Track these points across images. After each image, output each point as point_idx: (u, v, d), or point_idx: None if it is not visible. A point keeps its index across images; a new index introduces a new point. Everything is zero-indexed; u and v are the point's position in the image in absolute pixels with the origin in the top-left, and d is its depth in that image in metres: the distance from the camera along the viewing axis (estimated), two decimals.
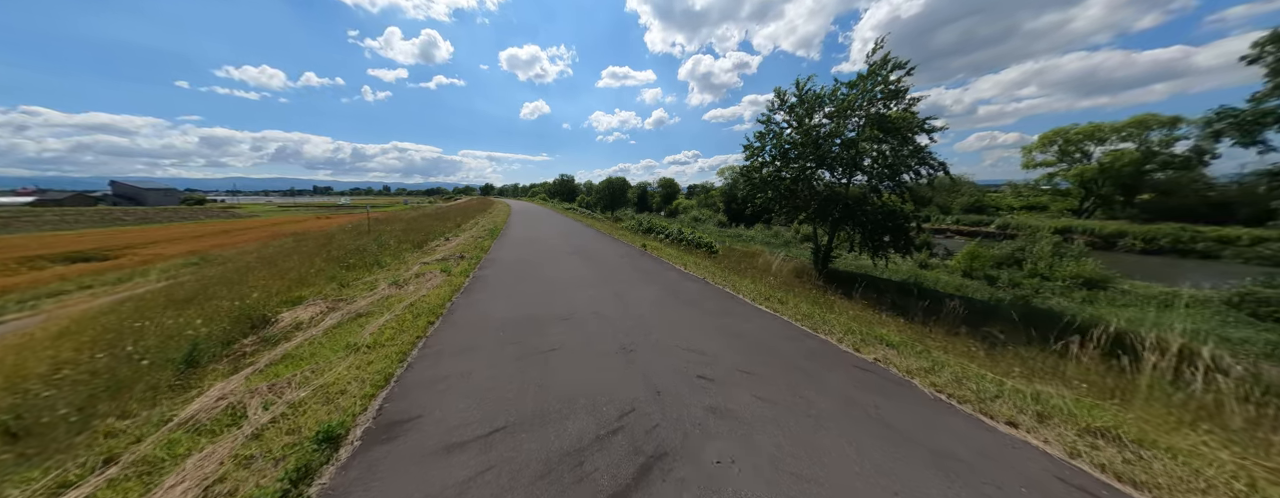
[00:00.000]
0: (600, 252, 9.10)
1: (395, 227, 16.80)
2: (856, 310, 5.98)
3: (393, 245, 11.12)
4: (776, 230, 34.91)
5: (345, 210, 71.82)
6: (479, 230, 14.68)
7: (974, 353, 4.45)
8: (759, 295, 5.45)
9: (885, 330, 4.40)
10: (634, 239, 12.29)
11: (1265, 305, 14.67)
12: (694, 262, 8.00)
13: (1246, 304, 14.97)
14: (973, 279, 20.28)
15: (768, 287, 6.19)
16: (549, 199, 60.17)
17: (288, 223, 41.66)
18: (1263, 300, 14.64)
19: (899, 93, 15.17)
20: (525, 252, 9.20)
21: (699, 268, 7.34)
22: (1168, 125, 29.48)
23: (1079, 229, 28.74)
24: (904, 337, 4.32)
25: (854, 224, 16.40)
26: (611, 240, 11.64)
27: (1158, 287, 18.42)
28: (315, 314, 5.16)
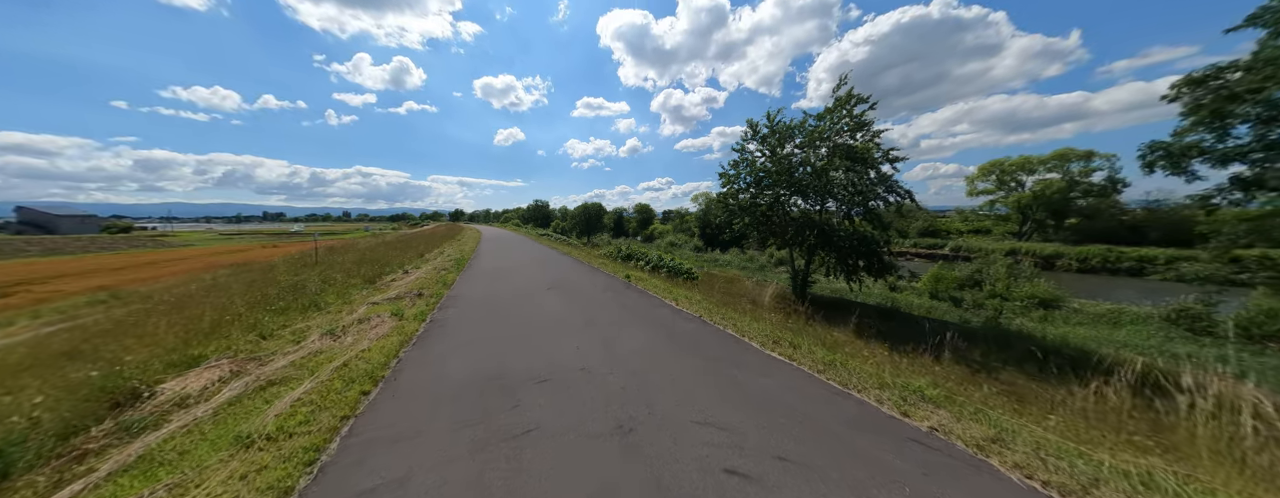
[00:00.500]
0: (580, 284, 8.21)
1: (348, 257, 15.14)
2: (867, 350, 5.42)
3: (340, 280, 9.71)
4: (751, 255, 35.18)
5: (297, 238, 66.59)
6: (444, 261, 13.38)
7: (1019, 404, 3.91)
8: (766, 338, 4.75)
9: (918, 380, 3.78)
10: (615, 268, 11.46)
11: (1198, 321, 15.71)
12: (684, 295, 7.27)
13: (1182, 320, 15.98)
14: (939, 301, 20.80)
15: (771, 325, 5.53)
16: (523, 225, 58.55)
17: (227, 253, 37.70)
18: (1196, 316, 15.69)
19: (863, 125, 15.79)
20: (495, 286, 8.16)
21: (691, 303, 6.61)
22: (1084, 158, 32.93)
23: (1022, 251, 30.77)
24: (939, 388, 3.71)
25: (830, 249, 16.47)
26: (591, 270, 10.76)
27: (1104, 305, 19.55)
28: (211, 382, 3.93)
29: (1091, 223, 34.23)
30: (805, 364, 3.92)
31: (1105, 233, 34.05)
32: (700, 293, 8.03)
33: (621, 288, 7.83)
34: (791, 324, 6.37)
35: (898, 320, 15.15)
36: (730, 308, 6.72)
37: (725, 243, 41.88)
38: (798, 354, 4.23)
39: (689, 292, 7.86)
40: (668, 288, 7.86)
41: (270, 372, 4.12)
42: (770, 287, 21.32)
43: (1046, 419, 3.40)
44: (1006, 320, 17.40)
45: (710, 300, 7.30)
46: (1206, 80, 9.72)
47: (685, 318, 5.66)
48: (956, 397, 3.50)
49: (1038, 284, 19.52)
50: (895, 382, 3.59)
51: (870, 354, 4.96)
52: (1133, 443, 3.02)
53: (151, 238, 62.16)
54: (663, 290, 7.61)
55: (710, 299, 7.50)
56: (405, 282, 9.29)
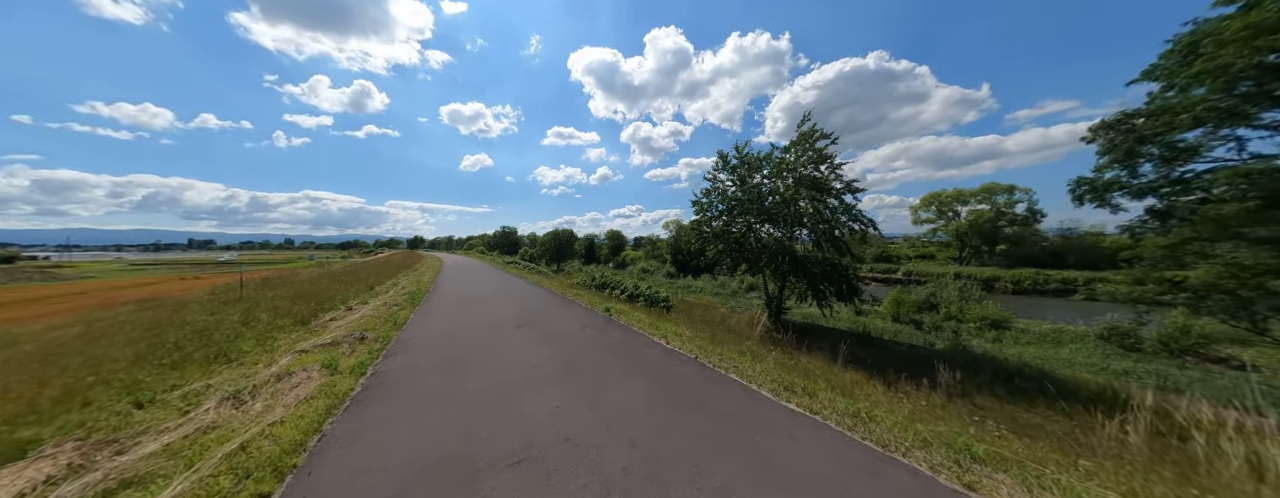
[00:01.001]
0: (554, 320, 7.33)
1: (281, 292, 13.22)
2: (870, 387, 4.97)
3: (265, 321, 8.18)
4: (722, 281, 35.32)
5: (227, 268, 59.51)
6: (397, 294, 11.93)
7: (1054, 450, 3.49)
8: (776, 383, 4.16)
9: (956, 432, 3.30)
10: (591, 298, 10.62)
11: (1127, 338, 17.06)
12: (673, 330, 6.60)
13: (1113, 337, 17.30)
14: (901, 323, 21.45)
15: (775, 366, 4.96)
16: (488, 252, 55.98)
17: (134, 287, 32.63)
18: (1124, 334, 17.04)
19: (825, 158, 16.51)
20: (455, 324, 7.09)
21: (682, 340, 5.94)
22: (1007, 192, 36.83)
23: (965, 274, 33.14)
24: (986, 444, 3.24)
25: (801, 275, 16.58)
26: (564, 302, 9.85)
27: (1044, 324, 20.96)
28: (30, 487, 2.71)
29: (1017, 249, 37.78)
30: (830, 418, 3.35)
31: (1029, 257, 37.63)
32: (687, 326, 7.40)
33: (602, 324, 7.05)
34: (791, 362, 5.85)
35: (876, 347, 15.18)
36: (723, 345, 6.12)
37: (696, 269, 42.01)
38: (816, 405, 3.66)
39: (677, 326, 7.21)
40: (653, 322, 7.17)
41: (129, 463, 2.95)
42: (745, 314, 21.11)
43: (1080, 464, 3.01)
44: (966, 341, 18.07)
45: (700, 335, 6.68)
46: (1118, 124, 10.82)
47: (679, 360, 4.98)
48: (1002, 453, 3.04)
49: (987, 306, 20.70)
50: (934, 437, 3.09)
51: (883, 397, 4.48)
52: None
53: (40, 269, 53.07)
54: (648, 325, 6.91)
55: (699, 334, 6.88)
56: (347, 321, 7.95)
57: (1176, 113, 9.50)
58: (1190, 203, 9.98)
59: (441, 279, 16.79)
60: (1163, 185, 10.59)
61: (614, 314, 7.88)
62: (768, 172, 17.63)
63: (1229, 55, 8.38)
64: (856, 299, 16.60)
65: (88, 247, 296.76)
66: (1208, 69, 8.84)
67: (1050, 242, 36.90)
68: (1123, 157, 11.04)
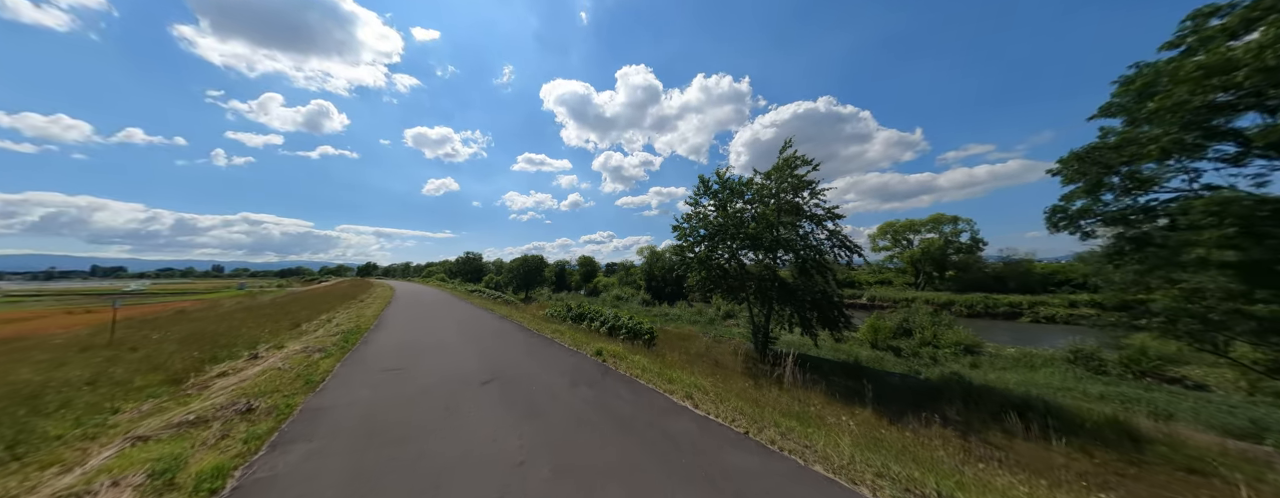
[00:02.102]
0: (536, 372, 5.53)
1: (175, 330, 10.31)
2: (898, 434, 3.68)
3: (120, 379, 5.75)
4: (699, 308, 34.12)
5: (134, 299, 50.53)
6: (327, 334, 9.48)
7: None
8: (882, 476, 2.73)
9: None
10: (574, 336, 8.80)
11: (1092, 360, 17.41)
12: (689, 380, 5.03)
13: (1080, 360, 17.61)
14: (880, 350, 21.02)
15: (860, 443, 3.52)
16: (450, 280, 51.67)
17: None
18: (1089, 356, 17.39)
19: (805, 185, 16.24)
20: (396, 385, 5.12)
21: (708, 397, 4.38)
22: (952, 222, 39.51)
23: (924, 300, 34.27)
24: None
25: (790, 303, 15.68)
26: (544, 343, 7.99)
27: (1009, 348, 21.31)
28: None
29: (964, 275, 40.10)
30: None
31: (975, 282, 39.95)
32: (702, 373, 5.83)
33: (597, 374, 5.37)
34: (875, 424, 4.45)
35: (868, 378, 14.15)
36: (764, 405, 4.63)
37: (671, 296, 40.70)
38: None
39: (691, 372, 5.64)
40: (661, 370, 5.56)
41: None
42: (728, 344, 19.75)
43: None
44: (955, 370, 17.70)
45: (723, 385, 5.17)
46: (1088, 156, 11.05)
47: (727, 438, 3.43)
48: None
49: (959, 332, 20.81)
50: None
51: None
52: None
53: None
54: (655, 374, 5.31)
55: (720, 381, 5.37)
56: (241, 378, 5.69)
57: (1142, 144, 9.68)
58: (1159, 230, 10.09)
59: (390, 313, 14.17)
60: (1131, 213, 10.73)
61: (608, 358, 6.21)
62: (749, 197, 17.11)
63: (1183, 92, 8.62)
64: (846, 329, 15.90)
65: None
66: (1166, 105, 9.07)
67: (992, 268, 39.46)
68: (1091, 186, 11.24)
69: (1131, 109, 10.52)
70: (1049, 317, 31.08)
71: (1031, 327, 30.05)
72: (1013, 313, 32.53)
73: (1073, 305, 30.87)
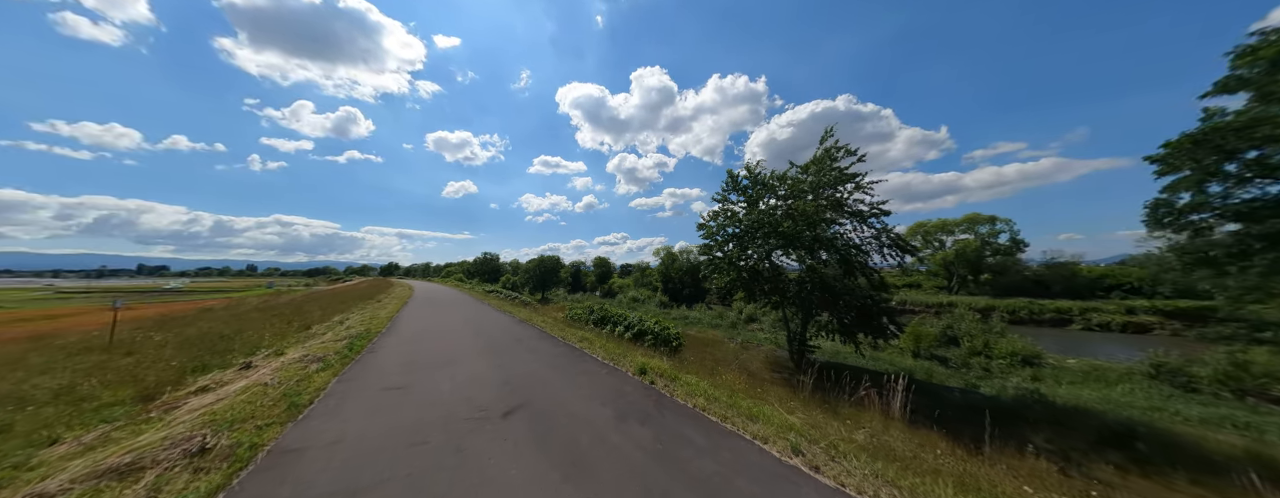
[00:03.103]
0: (567, 399, 4.30)
1: (175, 334, 9.57)
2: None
3: (84, 394, 4.83)
4: (719, 311, 32.57)
5: (171, 296, 52.05)
6: (336, 338, 8.54)
7: None
8: None
9: None
10: (606, 345, 7.59)
11: (1177, 376, 15.20)
12: (779, 417, 3.75)
13: (1162, 375, 15.43)
14: (922, 359, 19.17)
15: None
16: (467, 280, 51.41)
17: (37, 319, 26.63)
18: (1174, 371, 15.20)
19: (848, 178, 14.67)
20: (395, 411, 4.00)
21: (831, 452, 3.10)
22: (989, 222, 36.81)
23: (961, 305, 31.88)
24: None
25: (834, 309, 14.14)
26: (572, 354, 6.79)
27: (1070, 359, 19.12)
28: None
29: (1001, 278, 37.30)
30: None
31: (1012, 286, 37.10)
32: (800, 406, 4.47)
33: (646, 404, 4.13)
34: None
35: (925, 393, 12.46)
36: (930, 471, 3.26)
37: (689, 298, 39.22)
38: None
39: (771, 404, 4.31)
40: (731, 400, 4.25)
41: None
42: (757, 351, 18.24)
43: None
44: (1000, 379, 15.79)
45: (817, 421, 3.85)
46: (1206, 141, 9.27)
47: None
48: None
49: (1015, 340, 18.75)
50: None
51: None
52: None
53: None
54: (728, 406, 4.02)
55: (818, 414, 4.04)
56: (217, 396, 4.68)
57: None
58: None
59: (405, 315, 13.27)
60: (1267, 206, 8.85)
61: (654, 378, 4.96)
62: (783, 192, 15.64)
63: None
64: (894, 337, 14.26)
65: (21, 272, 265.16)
66: None
67: (1033, 271, 36.59)
68: (1201, 176, 9.45)
69: (1260, 82, 8.68)
70: (1103, 324, 28.35)
71: (1084, 335, 27.42)
72: (1061, 320, 29.86)
73: (1130, 312, 28.06)
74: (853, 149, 14.36)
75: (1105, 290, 34.65)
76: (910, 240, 43.28)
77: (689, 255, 44.61)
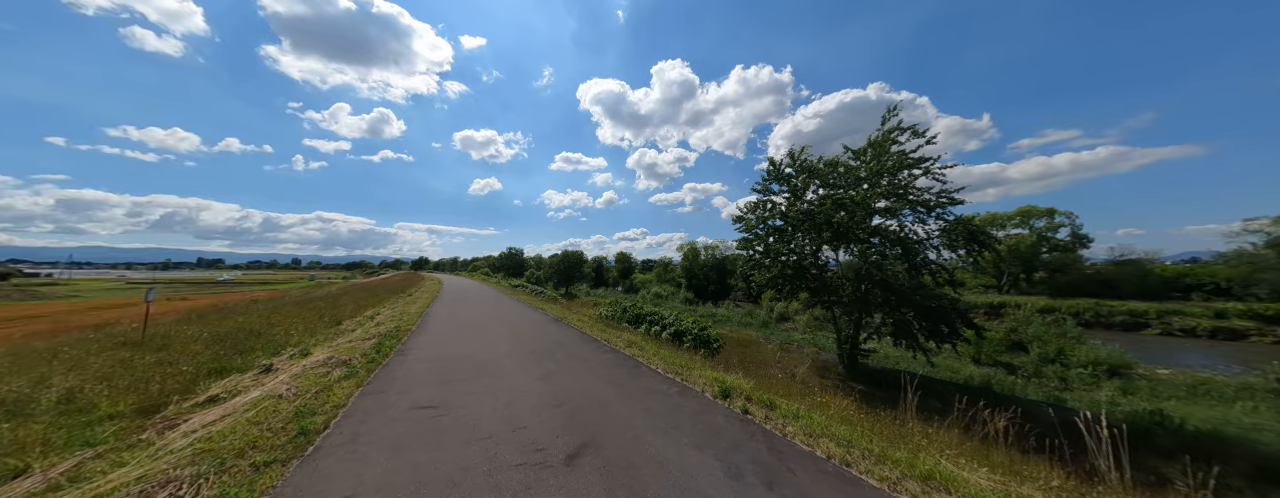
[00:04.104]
0: (647, 442, 3.16)
1: (209, 328, 9.16)
2: None
3: (85, 401, 4.18)
4: (749, 309, 31.06)
5: (225, 288, 54.98)
6: (363, 335, 7.86)
7: None
8: None
9: None
10: (662, 355, 6.51)
11: None
12: (932, 465, 2.59)
13: None
14: (984, 366, 17.18)
15: None
16: (493, 274, 51.69)
17: (107, 308, 28.14)
18: None
19: (916, 163, 12.95)
20: (426, 455, 3.04)
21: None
22: (1047, 215, 33.40)
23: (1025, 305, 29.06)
24: None
25: (899, 311, 12.56)
26: (628, 367, 5.72)
27: (1160, 369, 16.68)
28: None
29: (1059, 276, 33.88)
30: None
31: (1072, 286, 33.62)
32: (952, 446, 3.27)
33: (759, 451, 2.97)
34: None
35: (1009, 406, 10.78)
36: None
37: (714, 295, 37.82)
38: None
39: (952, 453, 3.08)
40: (870, 445, 3.07)
41: None
42: (799, 354, 16.80)
43: None
44: (1081, 391, 13.81)
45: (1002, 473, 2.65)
46: None
47: None
48: None
49: (1097, 347, 16.51)
50: None
51: None
52: None
53: (20, 287, 48.49)
54: (875, 457, 2.85)
55: (1005, 471, 2.84)
56: (227, 409, 3.90)
57: None
58: None
59: (435, 310, 12.66)
60: None
61: (751, 407, 3.81)
62: (835, 180, 14.04)
63: None
64: (962, 339, 12.58)
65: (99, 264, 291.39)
66: None
67: (1097, 269, 33.04)
68: None
69: None
70: (1186, 329, 25.09)
71: (1164, 341, 24.30)
72: (1134, 323, 26.70)
73: (1219, 316, 24.69)
74: (920, 130, 12.62)
75: (1182, 291, 30.86)
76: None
77: (714, 251, 43.04)
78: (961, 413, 4.97)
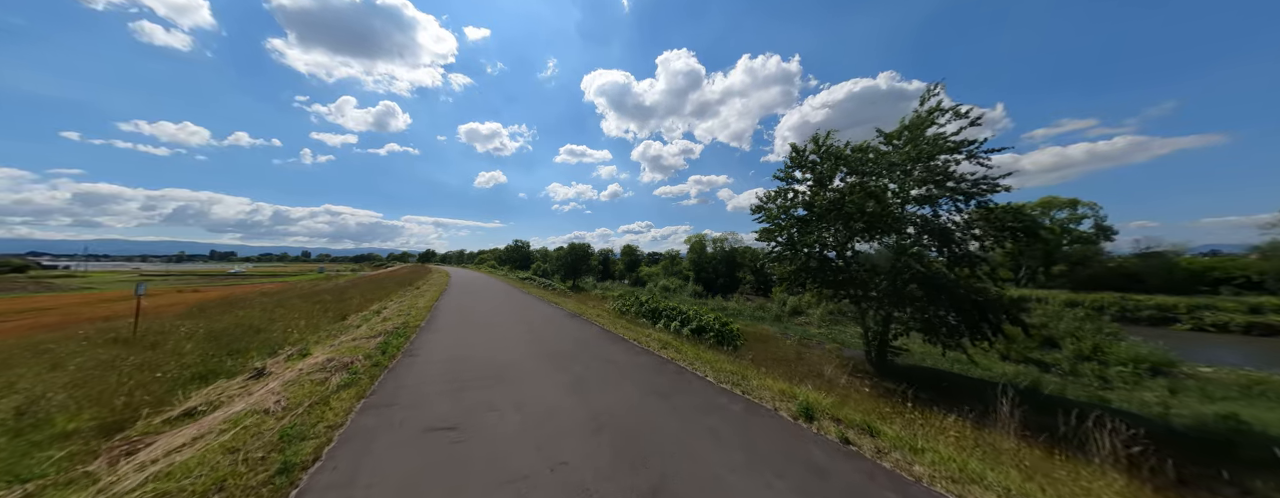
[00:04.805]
0: (733, 481, 2.51)
1: (204, 325, 8.52)
2: None
3: (41, 420, 3.46)
4: (760, 302, 30.24)
5: (236, 280, 55.01)
6: (368, 332, 7.16)
7: None
8: None
9: None
10: (694, 352, 5.76)
11: None
12: None
13: None
14: (1013, 363, 16.31)
15: None
16: (499, 267, 51.14)
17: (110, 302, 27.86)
18: None
19: (956, 147, 11.93)
20: (456, 467, 2.34)
21: None
22: (1069, 206, 32.06)
23: (1035, 298, 27.98)
24: None
25: (938, 306, 11.69)
26: (661, 367, 4.98)
27: (1203, 367, 15.72)
28: None
29: (1079, 269, 32.62)
30: None
31: (1093, 279, 32.38)
32: (1090, 477, 2.55)
33: (854, 478, 2.27)
34: None
35: (1044, 410, 9.97)
36: None
37: (723, 288, 37.01)
38: None
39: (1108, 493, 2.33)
40: (1008, 492, 2.34)
41: None
42: (821, 350, 16.01)
43: None
44: (1122, 389, 12.91)
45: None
46: None
47: None
48: None
49: (1137, 345, 15.55)
50: None
51: None
52: None
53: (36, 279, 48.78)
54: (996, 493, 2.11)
55: None
56: (200, 430, 3.19)
57: None
58: None
59: (445, 304, 11.97)
60: None
61: (850, 435, 3.02)
62: (868, 167, 13.04)
63: None
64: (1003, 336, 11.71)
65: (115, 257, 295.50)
66: None
67: (1119, 262, 31.76)
68: None
69: None
70: (1218, 324, 23.97)
71: (1196, 337, 23.21)
72: (1162, 318, 25.60)
73: (1255, 311, 23.53)
74: (964, 110, 11.57)
75: (1210, 285, 29.59)
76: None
77: (722, 244, 42.10)
78: (1070, 429, 4.15)
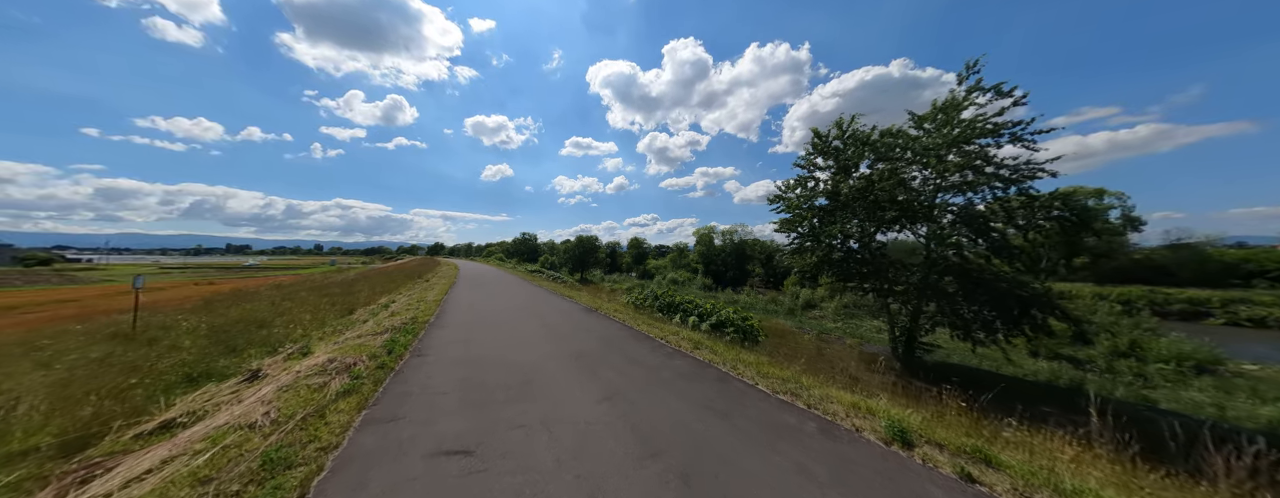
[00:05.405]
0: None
1: (210, 319, 8.09)
2: None
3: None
4: (772, 296, 29.53)
5: (250, 273, 55.55)
6: (376, 328, 6.66)
7: None
8: None
9: None
10: (734, 354, 5.15)
11: None
12: None
13: None
14: (1042, 359, 15.49)
15: None
16: (507, 259, 50.84)
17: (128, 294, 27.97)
18: None
19: (997, 129, 11.00)
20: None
21: None
22: (1095, 196, 30.60)
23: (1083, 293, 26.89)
24: None
25: (975, 300, 10.93)
26: (703, 373, 4.38)
27: (1247, 363, 14.77)
28: None
29: (1103, 262, 31.31)
30: None
31: (1117, 272, 31.08)
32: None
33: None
34: None
35: (1109, 414, 9.13)
36: None
37: (733, 281, 36.29)
38: None
39: None
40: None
41: None
42: (842, 345, 15.34)
43: None
44: (1165, 389, 12.10)
45: None
46: None
47: None
48: None
49: (1181, 341, 14.62)
50: None
51: None
52: None
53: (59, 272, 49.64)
54: None
55: None
56: (172, 449, 2.68)
57: None
58: None
59: (455, 298, 11.47)
60: None
61: (963, 465, 2.40)
62: (899, 152, 12.16)
63: None
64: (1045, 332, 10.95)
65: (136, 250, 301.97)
66: None
67: (1146, 254, 30.42)
68: None
69: None
70: (1256, 319, 22.79)
71: (1231, 332, 22.09)
72: (1194, 312, 24.44)
73: None
74: (1007, 90, 10.61)
75: (1243, 278, 28.17)
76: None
77: (732, 236, 41.26)
78: (1180, 445, 3.46)
